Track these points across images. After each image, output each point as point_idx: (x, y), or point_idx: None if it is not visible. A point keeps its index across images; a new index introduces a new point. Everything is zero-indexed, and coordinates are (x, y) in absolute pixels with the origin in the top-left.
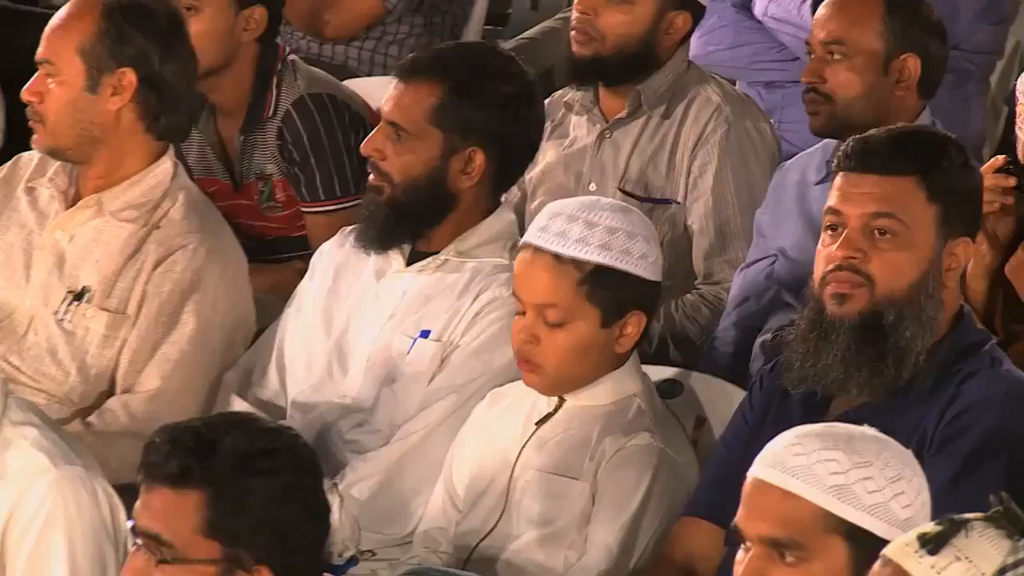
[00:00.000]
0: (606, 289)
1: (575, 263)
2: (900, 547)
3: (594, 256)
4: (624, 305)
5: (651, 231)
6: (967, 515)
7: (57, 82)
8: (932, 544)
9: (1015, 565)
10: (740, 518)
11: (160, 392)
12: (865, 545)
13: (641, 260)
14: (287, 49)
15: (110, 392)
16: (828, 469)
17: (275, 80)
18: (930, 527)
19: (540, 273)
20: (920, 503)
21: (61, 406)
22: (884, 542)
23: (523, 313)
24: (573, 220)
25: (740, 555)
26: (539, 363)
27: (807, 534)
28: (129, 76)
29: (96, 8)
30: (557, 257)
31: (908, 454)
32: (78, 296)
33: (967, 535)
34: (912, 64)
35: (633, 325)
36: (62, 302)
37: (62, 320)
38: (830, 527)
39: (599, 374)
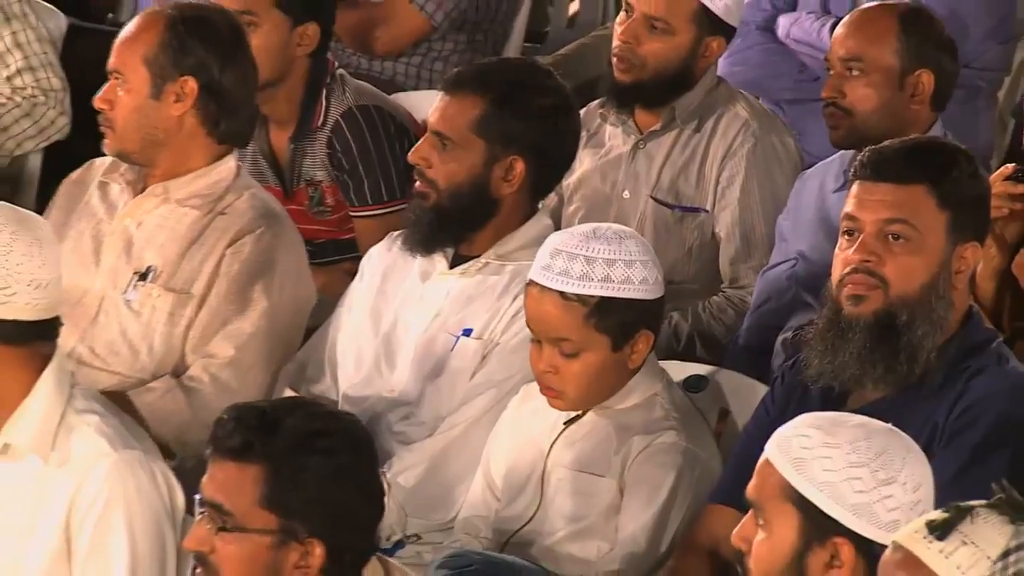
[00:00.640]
0: (613, 318)
1: (580, 299)
2: (909, 534)
3: (597, 291)
4: (632, 328)
5: (649, 253)
6: (972, 503)
7: (125, 90)
8: (940, 531)
9: (1018, 548)
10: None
11: (235, 360)
12: (814, 518)
13: (642, 284)
14: (336, 63)
15: (181, 369)
16: (801, 444)
17: (325, 92)
18: (937, 514)
19: (549, 310)
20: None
21: (131, 384)
22: (829, 518)
23: (538, 343)
24: (573, 258)
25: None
26: (560, 389)
27: (767, 500)
28: (190, 83)
29: (160, 20)
30: (563, 295)
31: (894, 444)
32: (143, 276)
33: (972, 521)
34: (926, 79)
35: (643, 342)
36: (129, 283)
37: (130, 300)
38: (789, 496)
39: (619, 388)
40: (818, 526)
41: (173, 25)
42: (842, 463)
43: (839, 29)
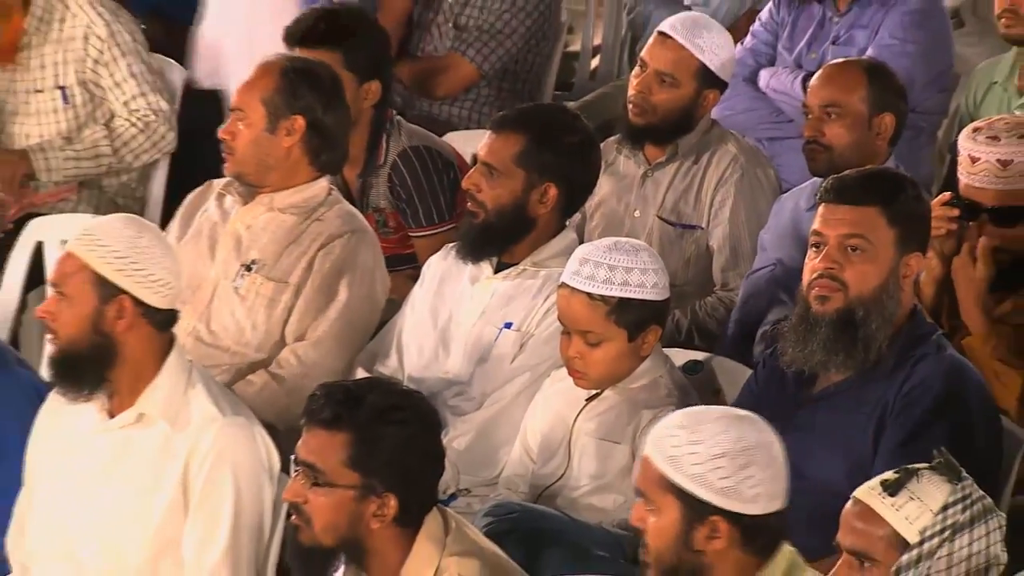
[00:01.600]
0: (630, 315)
1: (603, 299)
2: (866, 491)
3: (617, 292)
4: (644, 323)
5: (658, 263)
6: (918, 465)
7: (245, 124)
8: (892, 488)
9: (954, 503)
10: None
11: (321, 340)
12: (691, 503)
13: (653, 288)
14: (394, 111)
15: (280, 343)
16: (671, 443)
17: (385, 136)
18: (890, 475)
19: (577, 308)
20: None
21: (238, 356)
22: (703, 502)
23: (567, 334)
24: (599, 266)
25: None
26: (584, 372)
27: (652, 490)
28: (299, 121)
29: (276, 69)
30: (589, 295)
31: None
32: (248, 267)
33: (919, 481)
34: (888, 121)
35: (652, 334)
36: (237, 273)
37: (237, 287)
38: (668, 487)
39: (632, 371)
40: (695, 509)
41: (287, 73)
42: (706, 456)
43: (815, 80)
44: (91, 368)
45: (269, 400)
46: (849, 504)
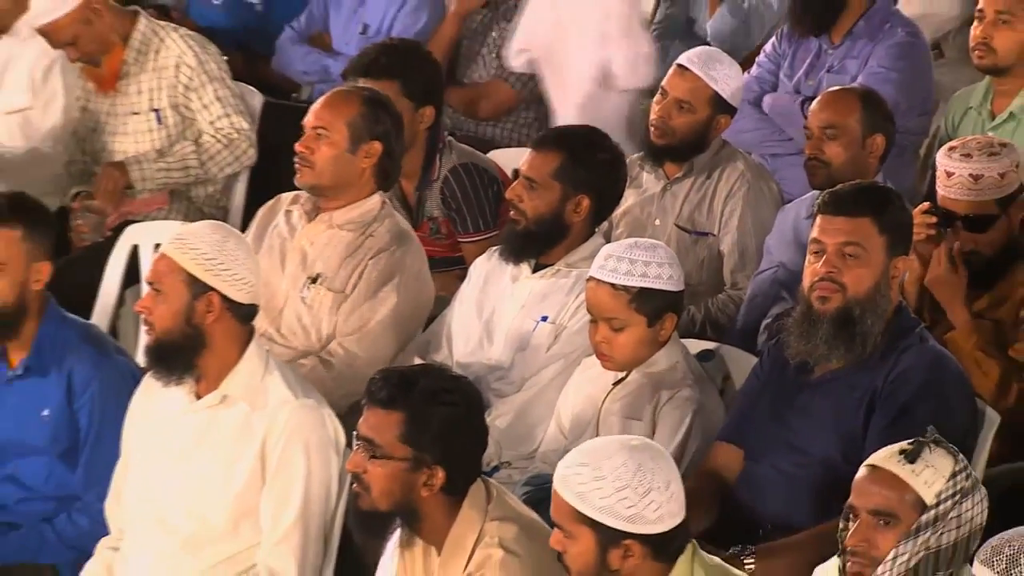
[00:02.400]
0: (648, 303)
1: (626, 289)
2: (885, 457)
3: (637, 283)
4: (661, 311)
5: (673, 258)
6: (923, 439)
7: (328, 142)
8: (911, 456)
9: (961, 471)
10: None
11: (363, 335)
12: (604, 531)
13: (669, 280)
14: (446, 133)
15: None
16: (578, 481)
17: (438, 155)
18: (905, 445)
19: (603, 297)
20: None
21: (303, 355)
22: (615, 529)
23: (595, 322)
24: (621, 260)
25: None
26: (610, 355)
27: (566, 521)
28: (377, 146)
29: (359, 96)
30: (613, 286)
31: (640, 464)
32: (314, 280)
33: (931, 451)
34: (880, 141)
35: (669, 321)
36: (304, 285)
37: (304, 297)
38: (581, 519)
39: (652, 355)
40: (608, 535)
41: (368, 102)
42: (611, 489)
43: (816, 105)
44: (182, 356)
45: (316, 381)
46: (866, 472)
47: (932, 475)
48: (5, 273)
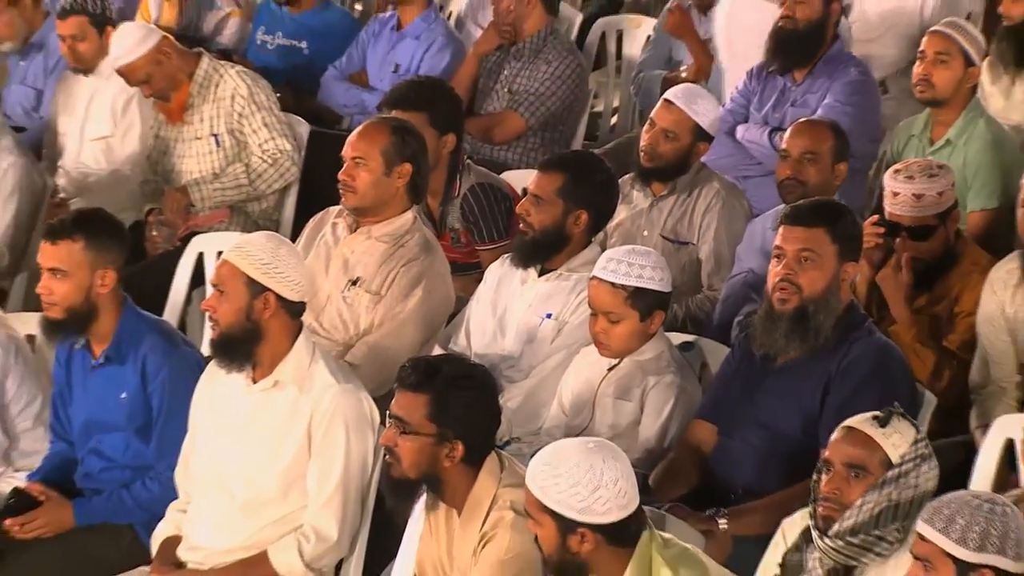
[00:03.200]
0: (641, 300)
1: (623, 287)
2: (861, 421)
3: (634, 283)
4: (652, 308)
5: (663, 263)
6: (889, 409)
7: (366, 169)
8: (883, 421)
9: (920, 440)
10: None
11: (396, 329)
12: (561, 519)
13: (660, 282)
14: (466, 157)
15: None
16: (540, 476)
17: (459, 176)
18: (878, 413)
19: (604, 294)
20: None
21: (341, 344)
22: (570, 519)
23: (595, 315)
24: (620, 262)
25: None
26: (607, 344)
27: (533, 510)
28: (407, 167)
29: (388, 126)
30: (613, 284)
31: (594, 464)
32: (353, 282)
33: (898, 420)
34: (844, 168)
35: (658, 317)
36: (345, 286)
37: (345, 297)
38: (543, 509)
39: (642, 345)
40: (565, 523)
41: (396, 130)
42: (565, 486)
43: (793, 133)
44: (243, 347)
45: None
46: (842, 432)
47: (899, 439)
48: (70, 279)
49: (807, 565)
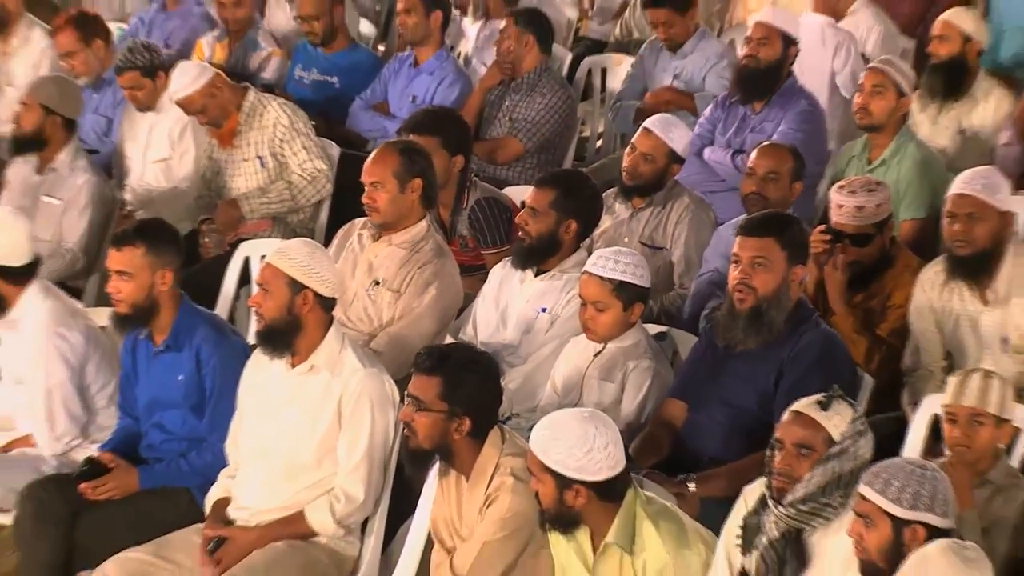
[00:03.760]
0: (625, 293)
1: (610, 280)
2: (806, 405)
3: (618, 276)
4: (633, 299)
5: (644, 262)
6: (833, 393)
7: (383, 190)
8: (825, 405)
9: (858, 419)
10: None
11: (414, 321)
12: (559, 477)
13: (641, 278)
14: (473, 173)
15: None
16: (541, 440)
17: (467, 191)
18: (820, 396)
19: (592, 286)
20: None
21: (364, 335)
22: (567, 477)
23: (584, 305)
24: (608, 259)
25: None
26: (594, 329)
27: (536, 469)
28: (418, 182)
29: (396, 151)
30: (601, 277)
31: (588, 429)
32: (376, 283)
33: (838, 402)
34: (799, 187)
35: (638, 308)
36: (369, 286)
37: (369, 294)
38: (544, 468)
39: (623, 333)
40: (563, 481)
41: (404, 152)
42: (563, 447)
43: (759, 155)
44: (285, 337)
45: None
46: (791, 416)
47: (839, 420)
48: (133, 280)
49: (764, 527)
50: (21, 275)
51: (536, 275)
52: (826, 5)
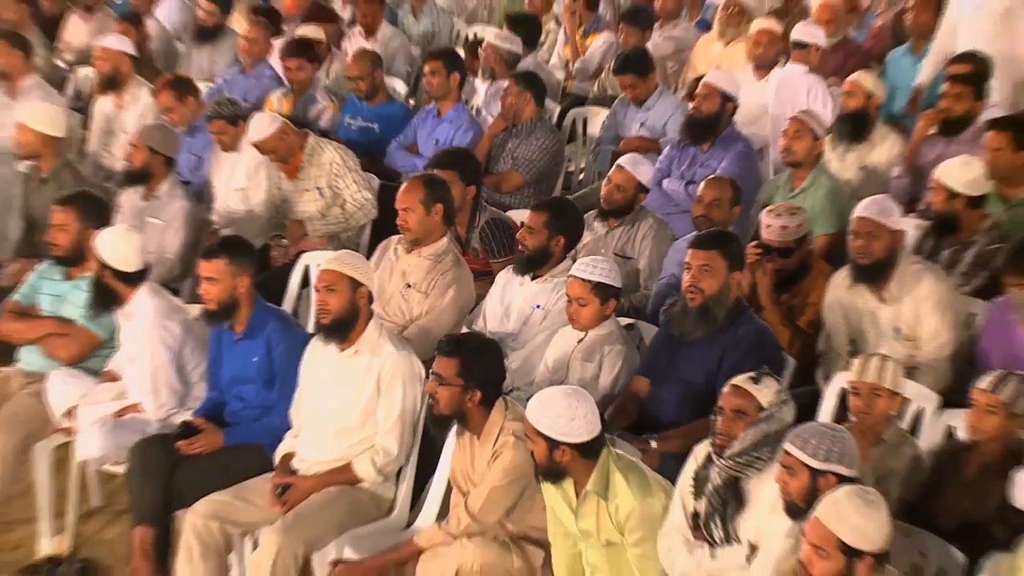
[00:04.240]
0: (601, 291)
1: (590, 282)
2: (741, 380)
3: (596, 278)
4: (608, 297)
5: (616, 268)
6: (762, 371)
7: (413, 214)
8: (756, 379)
9: (782, 390)
10: None
11: (431, 319)
12: (549, 440)
13: (613, 280)
14: (483, 199)
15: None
16: (534, 411)
17: (478, 213)
18: (753, 373)
19: (576, 286)
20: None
21: (399, 327)
22: (555, 439)
23: (570, 301)
24: (588, 265)
25: None
26: (577, 320)
27: (530, 434)
28: (440, 207)
29: (422, 181)
30: (583, 279)
31: (569, 400)
32: (408, 286)
33: (767, 377)
34: (738, 209)
35: (612, 304)
36: (402, 288)
37: (402, 295)
38: (537, 433)
39: (600, 323)
40: (552, 443)
41: (427, 183)
42: (551, 415)
43: (705, 186)
44: (347, 326)
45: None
46: (730, 388)
47: (768, 391)
48: (218, 284)
49: (710, 477)
50: (134, 278)
51: (532, 279)
52: (759, 60)
